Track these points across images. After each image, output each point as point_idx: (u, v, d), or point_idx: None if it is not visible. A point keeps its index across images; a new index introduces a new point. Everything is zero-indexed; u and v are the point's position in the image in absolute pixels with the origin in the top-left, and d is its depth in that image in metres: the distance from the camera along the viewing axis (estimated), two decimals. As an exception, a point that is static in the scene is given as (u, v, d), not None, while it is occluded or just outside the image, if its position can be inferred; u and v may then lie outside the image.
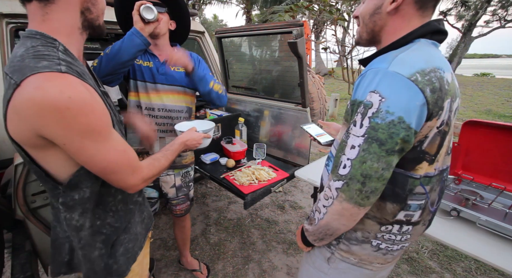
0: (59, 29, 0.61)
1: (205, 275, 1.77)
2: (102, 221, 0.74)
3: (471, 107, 6.74)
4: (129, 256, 0.81)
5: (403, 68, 0.55)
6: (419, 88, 0.54)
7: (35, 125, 0.52)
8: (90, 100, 0.56)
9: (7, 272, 1.57)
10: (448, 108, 0.60)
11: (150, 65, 1.30)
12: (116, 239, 0.77)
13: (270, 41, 1.98)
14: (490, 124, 1.24)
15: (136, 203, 0.86)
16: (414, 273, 1.78)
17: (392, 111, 0.54)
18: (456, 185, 1.33)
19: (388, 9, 0.65)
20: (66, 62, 0.57)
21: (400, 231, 0.70)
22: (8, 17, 1.47)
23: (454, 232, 1.04)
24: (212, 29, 20.95)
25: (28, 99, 0.50)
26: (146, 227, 0.93)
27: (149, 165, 0.75)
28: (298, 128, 1.75)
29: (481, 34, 12.04)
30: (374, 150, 0.56)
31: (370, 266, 0.76)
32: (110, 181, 0.66)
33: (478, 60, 70.20)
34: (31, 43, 0.56)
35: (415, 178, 0.63)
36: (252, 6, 15.75)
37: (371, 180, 0.57)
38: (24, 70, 0.51)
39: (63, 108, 0.51)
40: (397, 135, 0.55)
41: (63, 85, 0.52)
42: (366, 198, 0.60)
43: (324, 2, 3.47)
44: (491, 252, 0.92)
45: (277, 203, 2.65)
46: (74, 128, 0.54)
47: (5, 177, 1.24)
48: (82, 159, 0.59)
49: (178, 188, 1.50)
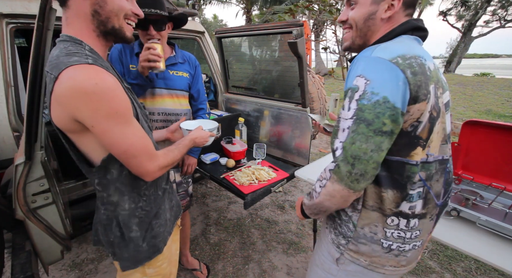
0: (80, 31, 0.69)
1: (205, 275, 1.77)
2: (136, 204, 0.81)
3: (471, 107, 6.74)
4: (160, 239, 0.88)
5: (384, 53, 0.59)
6: (400, 69, 0.57)
7: (70, 110, 0.61)
8: (114, 87, 0.64)
9: (7, 272, 1.57)
10: (434, 94, 0.62)
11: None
12: (149, 224, 0.85)
13: (270, 41, 1.98)
14: (490, 124, 1.24)
15: (164, 190, 0.93)
16: (414, 273, 1.78)
17: (377, 92, 0.58)
18: (456, 185, 1.33)
19: (383, 16, 0.69)
20: (93, 57, 0.65)
21: (408, 226, 0.69)
22: (8, 17, 1.47)
23: (454, 232, 1.03)
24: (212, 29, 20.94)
25: (64, 88, 0.59)
26: (175, 214, 1.02)
27: (164, 155, 0.81)
28: (298, 128, 1.75)
29: (481, 34, 12.05)
30: (362, 131, 0.59)
31: (382, 269, 0.73)
32: (130, 166, 0.72)
33: (478, 60, 70.20)
34: (63, 45, 0.66)
35: (411, 164, 0.64)
36: (252, 6, 15.75)
37: (360, 162, 0.59)
38: (59, 66, 0.61)
39: (90, 93, 0.59)
40: (382, 114, 0.57)
41: (90, 73, 0.61)
42: (356, 181, 0.61)
43: (324, 2, 3.47)
44: (491, 252, 0.92)
45: (277, 203, 2.65)
46: (100, 111, 0.62)
47: (5, 177, 1.24)
48: (107, 141, 0.66)
49: (178, 184, 1.52)
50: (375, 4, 0.69)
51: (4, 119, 1.43)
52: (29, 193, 1.00)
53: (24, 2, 1.51)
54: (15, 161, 0.96)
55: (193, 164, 1.52)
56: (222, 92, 2.40)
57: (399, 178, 0.65)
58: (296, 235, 2.18)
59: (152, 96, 1.33)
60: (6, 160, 1.41)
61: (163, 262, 0.92)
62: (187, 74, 1.41)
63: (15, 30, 1.52)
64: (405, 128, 0.62)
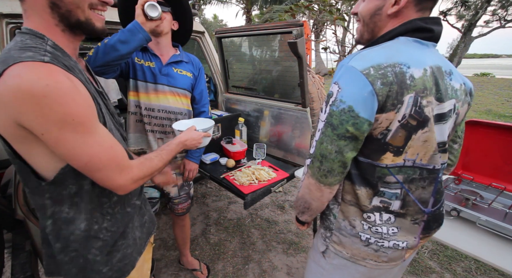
0: (40, 25, 0.60)
1: (205, 275, 1.77)
2: (99, 225, 0.70)
3: (471, 107, 6.74)
4: (126, 263, 0.77)
5: (359, 62, 0.61)
6: (368, 81, 0.59)
7: (13, 113, 0.51)
8: (70, 90, 0.54)
9: (7, 272, 1.57)
10: (412, 103, 0.60)
11: (152, 65, 1.30)
12: (114, 245, 0.74)
13: (270, 41, 1.98)
14: (490, 124, 1.24)
15: (134, 206, 0.82)
16: (414, 273, 1.78)
17: (344, 100, 0.61)
18: (456, 185, 1.33)
19: (389, 12, 0.66)
20: (53, 55, 0.57)
21: (382, 219, 0.72)
22: (8, 17, 1.47)
23: (454, 232, 1.03)
24: (212, 29, 20.94)
25: (6, 86, 0.50)
26: (148, 231, 0.89)
27: (140, 165, 0.71)
28: (298, 128, 1.75)
29: (481, 34, 12.04)
30: (328, 133, 0.64)
31: (363, 262, 0.76)
32: (96, 180, 0.63)
33: (478, 60, 70.16)
34: (21, 37, 0.58)
35: (381, 167, 0.67)
36: (252, 6, 15.76)
37: (327, 160, 0.66)
38: (7, 60, 0.51)
39: (39, 96, 0.50)
40: (346, 121, 0.61)
41: (42, 73, 0.52)
42: (324, 176, 0.67)
43: (324, 2, 3.47)
44: (491, 252, 0.92)
45: (277, 203, 2.65)
46: (51, 117, 0.52)
47: (5, 177, 1.24)
48: (62, 151, 0.57)
49: (180, 187, 1.51)
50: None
51: (4, 119, 1.42)
52: (29, 193, 1.00)
53: (24, 2, 1.50)
54: (15, 161, 0.96)
55: (194, 170, 1.49)
56: (222, 92, 2.40)
57: (370, 178, 0.69)
58: (296, 235, 2.18)
59: (156, 92, 1.32)
60: (6, 160, 1.41)
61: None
62: (191, 74, 1.40)
63: (15, 30, 1.51)
64: (375, 135, 0.64)
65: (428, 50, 0.66)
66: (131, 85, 1.30)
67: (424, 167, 0.69)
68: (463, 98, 0.71)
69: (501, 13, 11.09)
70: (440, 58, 0.69)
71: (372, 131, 0.63)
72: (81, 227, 0.68)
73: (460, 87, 0.70)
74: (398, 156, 0.66)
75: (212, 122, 1.20)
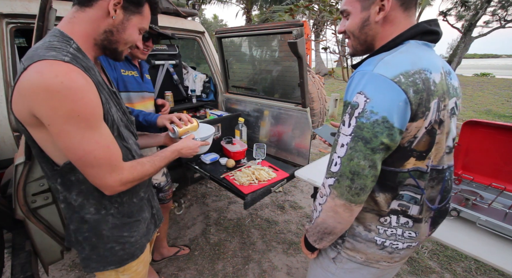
0: (77, 33, 0.67)
1: (188, 249, 1.93)
2: (107, 211, 0.78)
3: (471, 107, 6.74)
4: (137, 246, 0.86)
5: (387, 70, 0.57)
6: (402, 89, 0.56)
7: (29, 103, 0.58)
8: (82, 89, 0.60)
9: (7, 272, 1.57)
10: (436, 108, 0.61)
11: (135, 74, 1.32)
12: (126, 230, 0.82)
13: (270, 41, 1.98)
14: (490, 124, 1.23)
15: (142, 198, 0.88)
16: (414, 273, 1.78)
17: (376, 111, 0.57)
18: (456, 185, 1.33)
19: (376, 19, 0.67)
20: (74, 56, 0.62)
21: (398, 222, 0.71)
22: (8, 17, 1.47)
23: (454, 232, 1.03)
24: (212, 29, 20.93)
25: (27, 79, 0.57)
26: (156, 222, 1.00)
27: (131, 168, 0.73)
28: (298, 128, 1.75)
29: (481, 34, 12.03)
30: (360, 148, 0.59)
31: (377, 264, 0.76)
32: (87, 176, 0.67)
33: (478, 60, 70.15)
34: (49, 38, 0.64)
35: (403, 172, 0.66)
36: (252, 6, 15.75)
37: (359, 177, 0.60)
38: (33, 57, 0.58)
39: (53, 91, 0.56)
40: (381, 133, 0.57)
41: (60, 71, 0.57)
42: (356, 195, 0.62)
43: (324, 2, 3.46)
44: (491, 252, 0.92)
45: (277, 203, 2.65)
46: (59, 110, 0.58)
47: (5, 177, 1.24)
48: (61, 143, 0.62)
49: (167, 174, 1.63)
50: (366, 10, 0.67)
51: (4, 119, 1.43)
52: (29, 193, 1.00)
53: (24, 2, 1.50)
54: (15, 161, 0.96)
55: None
56: (222, 92, 2.40)
57: (391, 183, 0.67)
58: (296, 235, 2.18)
59: (139, 100, 1.36)
60: (6, 160, 1.41)
61: (139, 266, 0.90)
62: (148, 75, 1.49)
63: (15, 30, 1.51)
64: (402, 144, 0.63)
65: (433, 52, 0.68)
66: (124, 98, 1.30)
67: (435, 168, 0.69)
68: (461, 95, 0.74)
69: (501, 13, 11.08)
70: (441, 59, 0.70)
71: (400, 140, 0.61)
72: (91, 210, 0.76)
73: (458, 85, 0.73)
74: (421, 161, 0.65)
75: (211, 130, 1.20)
